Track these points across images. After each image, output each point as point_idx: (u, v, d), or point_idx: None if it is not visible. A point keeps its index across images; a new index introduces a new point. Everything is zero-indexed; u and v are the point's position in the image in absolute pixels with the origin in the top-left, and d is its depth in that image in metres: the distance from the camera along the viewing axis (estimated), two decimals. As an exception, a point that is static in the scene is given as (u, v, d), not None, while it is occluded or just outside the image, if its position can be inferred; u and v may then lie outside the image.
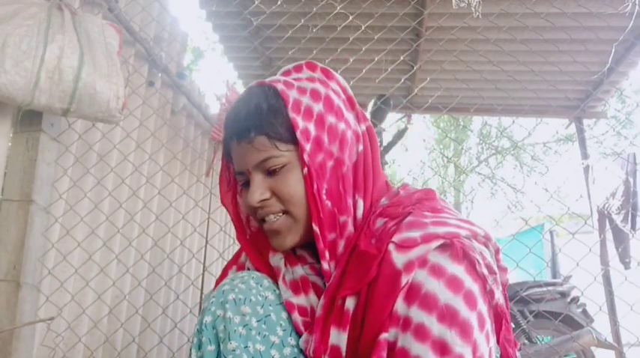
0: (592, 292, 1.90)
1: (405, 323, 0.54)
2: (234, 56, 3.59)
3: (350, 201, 0.66)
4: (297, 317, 0.64)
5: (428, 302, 0.54)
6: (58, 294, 1.69)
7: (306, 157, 0.64)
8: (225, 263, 0.80)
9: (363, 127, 0.72)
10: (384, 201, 0.68)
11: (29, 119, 1.58)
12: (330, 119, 0.68)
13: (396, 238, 0.58)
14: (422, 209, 0.63)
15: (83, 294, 1.81)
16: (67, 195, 1.77)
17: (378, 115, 3.29)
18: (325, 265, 0.64)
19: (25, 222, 1.52)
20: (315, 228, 0.64)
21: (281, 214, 0.67)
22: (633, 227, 3.27)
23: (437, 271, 0.55)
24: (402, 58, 2.23)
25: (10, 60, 1.31)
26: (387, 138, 3.62)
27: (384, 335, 0.54)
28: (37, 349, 1.58)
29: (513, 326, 3.02)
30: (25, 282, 1.49)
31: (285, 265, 0.69)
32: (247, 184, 0.69)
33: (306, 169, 0.65)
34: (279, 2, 2.52)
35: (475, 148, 11.33)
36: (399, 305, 0.55)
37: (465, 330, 0.53)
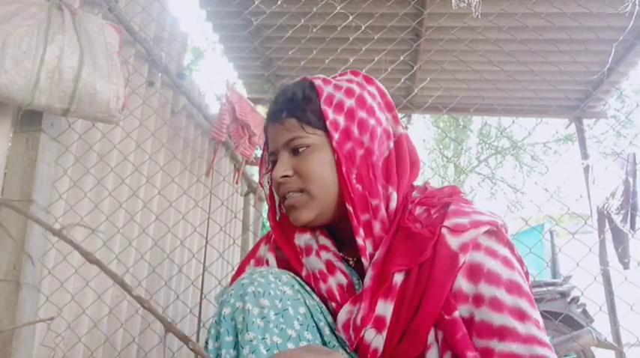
0: (592, 292, 1.90)
1: (478, 299, 0.60)
2: (234, 56, 3.59)
3: (380, 188, 0.72)
4: (332, 283, 0.70)
5: (493, 278, 0.60)
6: (58, 294, 1.69)
7: (334, 144, 0.72)
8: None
9: (400, 130, 0.79)
10: (415, 193, 0.75)
11: (29, 119, 1.58)
12: (361, 114, 0.74)
13: (447, 223, 0.65)
14: (459, 200, 0.70)
15: (83, 294, 1.81)
16: (67, 195, 1.77)
17: (378, 115, 3.29)
18: (360, 241, 0.69)
19: (25, 222, 1.52)
20: (349, 207, 0.70)
21: (299, 192, 0.73)
22: (633, 227, 3.27)
23: (492, 252, 0.62)
24: (402, 58, 2.23)
25: (10, 60, 1.31)
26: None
27: (456, 314, 0.60)
28: (37, 349, 1.58)
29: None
30: (25, 282, 1.49)
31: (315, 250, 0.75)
32: (276, 164, 0.77)
33: (335, 155, 0.72)
34: (279, 2, 2.52)
35: (475, 148, 11.32)
36: (463, 284, 0.61)
37: (530, 299, 0.60)
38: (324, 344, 0.66)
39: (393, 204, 0.72)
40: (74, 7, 1.59)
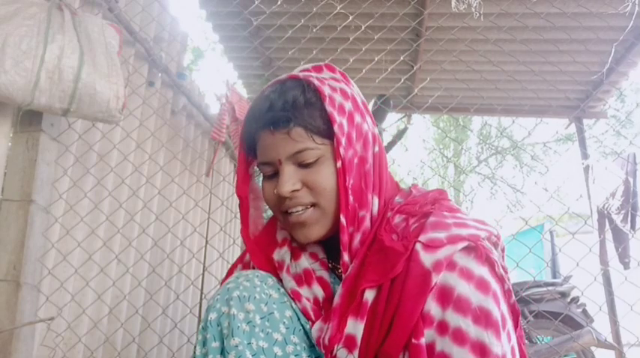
0: (592, 292, 1.90)
1: (442, 327, 0.56)
2: (234, 56, 3.58)
3: (370, 197, 0.68)
4: (305, 302, 0.66)
5: (462, 306, 0.55)
6: (58, 294, 1.69)
7: (342, 151, 0.66)
8: (225, 263, 0.81)
9: (376, 130, 0.75)
10: (398, 199, 0.70)
11: (29, 119, 1.58)
12: (357, 118, 0.70)
13: (422, 238, 0.60)
14: (441, 209, 0.65)
15: (83, 294, 1.81)
16: (67, 195, 1.77)
17: (378, 115, 3.29)
18: (346, 257, 0.66)
19: (25, 222, 1.52)
20: (343, 220, 0.66)
21: (309, 206, 0.68)
22: (633, 227, 3.27)
23: (466, 274, 0.57)
24: (402, 58, 2.23)
25: (10, 60, 1.31)
26: (386, 138, 3.62)
27: (422, 340, 0.56)
28: (37, 349, 1.58)
29: (513, 326, 3.02)
30: (25, 282, 1.49)
31: (291, 259, 0.71)
32: (274, 175, 0.70)
33: (339, 163, 0.66)
34: (279, 2, 2.52)
35: (475, 148, 11.32)
36: (432, 307, 0.56)
37: (497, 330, 0.55)
38: (312, 346, 0.65)
39: (375, 209, 0.68)
40: (74, 7, 1.59)
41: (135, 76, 2.16)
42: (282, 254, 0.72)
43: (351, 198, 0.66)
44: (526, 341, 3.02)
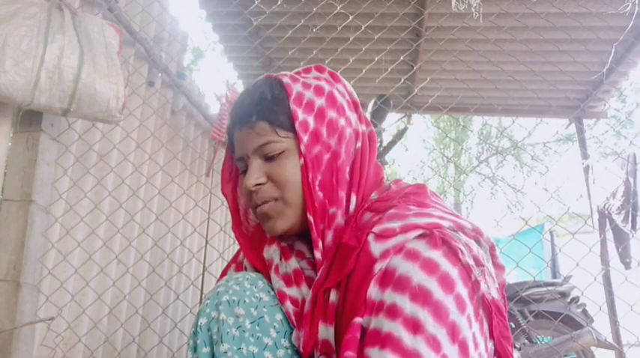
0: (592, 292, 1.90)
1: (378, 307, 0.53)
2: (234, 56, 3.59)
3: (342, 194, 0.67)
4: (289, 306, 0.64)
5: (401, 284, 0.53)
6: (58, 294, 1.69)
7: (302, 148, 0.67)
8: (225, 263, 0.81)
9: (364, 128, 0.74)
10: (373, 195, 0.69)
11: (29, 119, 1.58)
12: (331, 114, 0.70)
13: (375, 229, 0.59)
14: (408, 203, 0.63)
15: (83, 294, 1.81)
16: (67, 195, 1.77)
17: (378, 115, 3.29)
18: (318, 255, 0.65)
19: (25, 222, 1.52)
20: (310, 217, 0.65)
21: (275, 200, 0.68)
22: (633, 227, 3.26)
23: (412, 255, 0.54)
24: (402, 58, 2.23)
25: (10, 60, 1.31)
26: (386, 138, 3.62)
27: (357, 319, 0.54)
28: (37, 349, 1.58)
29: (513, 326, 3.02)
30: (25, 282, 1.49)
31: (280, 258, 0.70)
32: (246, 171, 0.71)
33: (302, 159, 0.67)
34: (279, 2, 2.52)
35: (475, 148, 11.32)
36: (373, 291, 0.55)
37: (438, 311, 0.51)
38: None
39: (352, 208, 0.67)
40: (74, 7, 1.59)
41: (135, 76, 2.16)
42: (270, 252, 0.71)
43: (320, 194, 0.66)
44: (526, 341, 3.02)
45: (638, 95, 9.79)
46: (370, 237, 0.58)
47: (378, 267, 0.55)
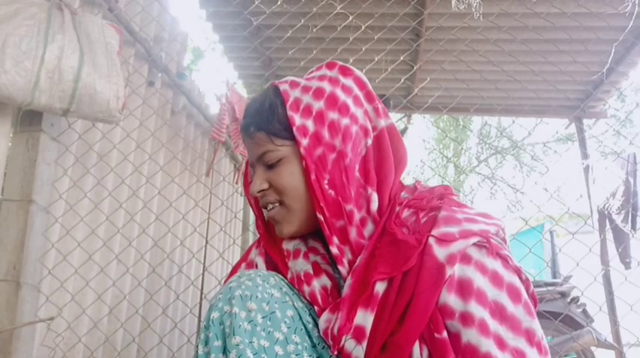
0: (592, 292, 1.90)
1: (466, 318, 0.57)
2: (234, 56, 3.59)
3: (354, 192, 0.70)
4: (315, 286, 0.68)
5: (482, 298, 0.57)
6: (58, 294, 1.69)
7: (302, 151, 0.70)
8: (225, 263, 0.83)
9: (382, 123, 0.74)
10: (404, 194, 0.72)
11: (29, 119, 1.58)
12: (332, 115, 0.71)
13: (435, 232, 0.62)
14: (450, 204, 0.67)
15: (83, 294, 1.81)
16: (67, 195, 1.77)
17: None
18: (334, 250, 0.68)
19: (25, 222, 1.52)
20: (319, 216, 0.69)
21: (277, 204, 0.74)
22: (633, 227, 3.26)
23: (480, 267, 0.59)
24: (402, 58, 2.23)
25: (10, 60, 1.31)
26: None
27: (444, 334, 0.57)
28: (37, 349, 1.58)
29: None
30: (25, 282, 1.49)
31: (301, 251, 0.74)
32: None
33: (304, 162, 0.70)
34: (279, 2, 2.52)
35: (475, 148, 11.32)
36: (451, 299, 0.58)
37: (514, 324, 0.57)
38: (314, 346, 0.65)
39: (374, 206, 0.70)
40: (74, 7, 1.59)
41: (135, 76, 2.16)
42: (295, 244, 0.76)
43: (331, 192, 0.69)
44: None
45: (638, 95, 9.80)
46: (432, 240, 0.61)
47: (449, 272, 0.59)
